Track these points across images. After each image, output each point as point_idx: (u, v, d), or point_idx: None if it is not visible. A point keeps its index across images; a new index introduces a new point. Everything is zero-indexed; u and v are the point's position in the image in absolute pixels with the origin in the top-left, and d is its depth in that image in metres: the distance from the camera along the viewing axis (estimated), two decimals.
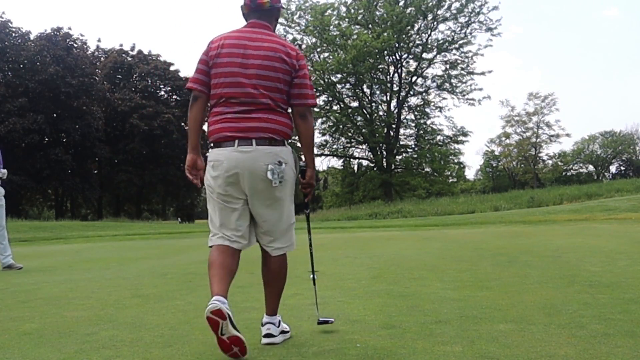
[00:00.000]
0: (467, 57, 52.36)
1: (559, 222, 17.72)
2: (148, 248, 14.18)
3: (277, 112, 3.48)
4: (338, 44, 51.38)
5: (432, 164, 53.25)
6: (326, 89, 52.20)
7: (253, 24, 3.59)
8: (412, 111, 55.40)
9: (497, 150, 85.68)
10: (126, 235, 22.24)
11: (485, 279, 5.98)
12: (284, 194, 3.56)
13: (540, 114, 75.09)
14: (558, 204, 31.51)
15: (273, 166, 3.41)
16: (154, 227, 31.57)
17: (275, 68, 3.46)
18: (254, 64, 3.46)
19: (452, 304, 4.59)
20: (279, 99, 3.49)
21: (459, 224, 20.00)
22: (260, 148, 3.41)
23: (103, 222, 39.01)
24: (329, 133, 54.94)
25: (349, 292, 5.53)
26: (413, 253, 9.44)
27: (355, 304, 4.81)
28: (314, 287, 4.14)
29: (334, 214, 44.66)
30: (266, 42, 3.51)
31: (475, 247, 10.12)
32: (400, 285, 5.84)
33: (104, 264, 9.83)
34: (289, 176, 3.54)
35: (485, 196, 45.31)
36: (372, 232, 17.99)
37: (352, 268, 7.56)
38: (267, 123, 3.44)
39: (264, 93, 3.44)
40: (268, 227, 3.58)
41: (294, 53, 3.53)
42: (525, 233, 13.61)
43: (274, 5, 3.62)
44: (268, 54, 3.47)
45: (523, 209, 30.88)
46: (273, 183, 3.42)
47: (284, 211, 3.61)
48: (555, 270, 6.46)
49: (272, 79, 3.46)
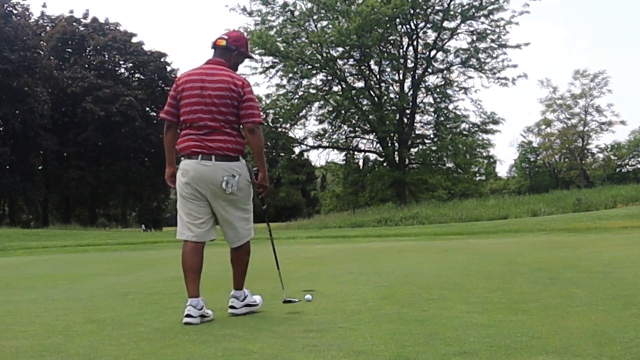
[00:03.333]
0: (498, 26, 52.24)
1: (611, 230, 17.72)
2: (105, 262, 14.15)
3: (231, 134, 5.60)
4: (339, 9, 51.24)
5: (455, 159, 53.08)
6: (324, 66, 52.03)
7: (210, 62, 5.80)
8: (431, 93, 55.30)
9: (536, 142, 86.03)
10: (78, 246, 22.20)
11: (521, 301, 5.98)
12: (239, 198, 5.68)
13: (588, 97, 75.37)
14: (611, 208, 31.56)
15: (227, 178, 5.51)
16: (112, 236, 31.49)
17: (226, 96, 5.56)
18: (210, 94, 5.57)
19: (479, 331, 4.59)
20: (231, 121, 5.60)
21: (488, 233, 19.98)
22: (218, 163, 5.53)
23: (49, 230, 38.97)
24: (328, 120, 54.77)
25: (352, 316, 5.52)
26: (432, 268, 9.44)
27: (360, 330, 4.80)
28: (278, 270, 6.27)
29: (334, 219, 44.61)
30: (218, 76, 5.63)
31: (509, 260, 10.11)
32: (416, 307, 5.84)
33: (51, 281, 9.81)
34: (242, 184, 5.64)
35: (521, 198, 45.38)
36: (381, 243, 17.98)
37: (357, 287, 7.56)
38: (224, 143, 5.55)
39: (218, 118, 5.56)
40: (227, 226, 5.76)
41: (239, 83, 5.62)
42: (571, 243, 13.61)
43: (229, 46, 5.81)
44: (220, 85, 5.57)
45: (567, 213, 30.91)
46: (226, 191, 5.54)
47: (240, 212, 5.76)
48: (607, 290, 6.45)
49: (225, 105, 5.56)
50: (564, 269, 8.43)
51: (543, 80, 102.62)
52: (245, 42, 5.98)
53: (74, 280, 9.83)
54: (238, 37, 5.94)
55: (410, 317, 5.34)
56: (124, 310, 6.35)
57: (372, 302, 6.27)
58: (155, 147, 60.94)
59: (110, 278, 10.09)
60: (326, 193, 69.09)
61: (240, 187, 5.59)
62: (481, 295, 6.42)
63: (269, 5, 52.45)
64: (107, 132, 56.30)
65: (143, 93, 59.90)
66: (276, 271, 6.39)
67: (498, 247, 13.51)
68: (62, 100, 56.85)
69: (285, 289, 6.40)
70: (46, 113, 51.58)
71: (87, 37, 59.64)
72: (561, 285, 6.88)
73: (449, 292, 6.74)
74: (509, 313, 5.32)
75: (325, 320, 5.31)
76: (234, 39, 5.88)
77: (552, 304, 5.74)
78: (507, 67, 53.00)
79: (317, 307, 5.98)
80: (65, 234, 33.39)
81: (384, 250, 14.13)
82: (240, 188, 5.60)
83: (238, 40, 5.89)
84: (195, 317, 5.40)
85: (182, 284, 5.75)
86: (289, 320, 5.37)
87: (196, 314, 5.42)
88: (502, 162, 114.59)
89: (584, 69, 76.31)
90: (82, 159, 56.38)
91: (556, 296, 6.16)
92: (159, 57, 63.78)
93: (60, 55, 59.36)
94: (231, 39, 5.86)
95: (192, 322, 5.34)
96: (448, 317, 5.25)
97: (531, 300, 5.98)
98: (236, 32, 6.08)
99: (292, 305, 6.12)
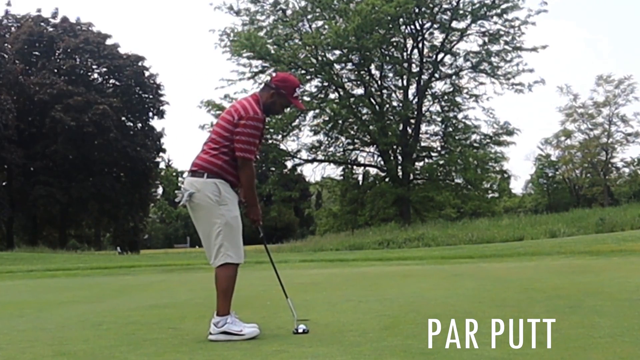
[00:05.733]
0: (512, 26, 52.45)
1: (638, 252, 17.75)
2: (76, 288, 14.12)
3: (209, 152, 6.35)
4: (336, 8, 51.43)
5: (465, 173, 53.05)
6: (320, 71, 52.08)
7: (251, 94, 6.65)
8: (438, 101, 55.50)
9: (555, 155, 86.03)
10: (46, 270, 22.16)
11: (538, 331, 5.99)
12: (200, 215, 6.38)
13: (613, 105, 75.47)
14: (638, 228, 31.57)
15: (179, 192, 6.38)
16: (84, 259, 31.44)
17: (224, 119, 6.42)
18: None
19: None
20: (217, 141, 6.34)
21: (501, 256, 20.00)
22: (187, 178, 6.41)
23: (14, 253, 38.89)
24: (324, 131, 54.67)
25: (351, 348, 5.54)
26: (439, 295, 9.45)
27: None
28: (286, 299, 6.61)
29: (330, 241, 44.63)
30: (236, 104, 6.52)
31: (524, 287, 10.13)
32: (422, 339, 5.84)
33: (16, 309, 9.79)
34: (201, 200, 6.28)
35: (538, 217, 45.36)
36: (382, 267, 17.98)
37: (356, 316, 7.57)
38: (198, 159, 6.40)
39: (210, 137, 6.48)
40: (203, 243, 6.44)
41: (239, 114, 6.30)
42: (593, 268, 13.62)
43: (270, 84, 6.54)
44: (227, 111, 6.54)
45: (590, 234, 30.92)
46: (180, 204, 6.42)
47: (204, 230, 6.36)
48: (633, 319, 6.47)
49: (219, 126, 6.42)
50: (585, 296, 8.45)
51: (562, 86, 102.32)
52: (292, 86, 6.54)
53: (42, 309, 9.81)
54: (284, 79, 6.61)
55: (415, 349, 5.35)
56: (97, 342, 6.35)
57: (372, 333, 6.28)
58: (132, 161, 60.91)
59: (82, 306, 10.07)
60: (322, 212, 68.94)
61: (196, 202, 6.30)
62: (494, 325, 6.43)
63: (258, 3, 52.66)
64: (78, 144, 56.29)
65: (118, 101, 59.85)
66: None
67: (513, 272, 13.52)
68: (28, 108, 56.87)
69: (279, 319, 6.67)
70: (11, 123, 51.58)
71: (56, 38, 59.66)
72: (583, 314, 6.90)
73: (458, 321, 6.75)
74: (525, 345, 5.34)
75: (320, 353, 5.32)
76: (278, 79, 6.59)
77: (573, 335, 5.76)
78: (522, 72, 53.18)
79: (312, 339, 5.99)
80: (33, 257, 33.32)
81: (385, 276, 14.13)
82: (198, 204, 6.31)
83: (283, 81, 6.55)
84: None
85: (161, 313, 5.75)
86: (280, 353, 5.37)
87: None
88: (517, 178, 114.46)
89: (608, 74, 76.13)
90: (51, 174, 56.31)
91: (577, 326, 6.18)
92: (136, 61, 63.72)
93: (27, 59, 59.38)
94: (276, 78, 6.60)
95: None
96: (457, 349, 5.26)
97: (549, 330, 6.00)
98: (287, 75, 6.85)
99: (283, 337, 6.13)
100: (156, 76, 65.47)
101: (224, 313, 6.23)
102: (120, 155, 59.32)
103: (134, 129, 65.66)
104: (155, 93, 64.87)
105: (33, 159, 55.73)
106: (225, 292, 6.27)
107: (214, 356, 5.40)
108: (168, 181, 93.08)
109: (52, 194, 55.20)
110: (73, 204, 59.20)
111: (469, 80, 55.11)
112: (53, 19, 61.92)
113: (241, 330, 6.17)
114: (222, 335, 6.14)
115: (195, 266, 20.68)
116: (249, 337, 6.14)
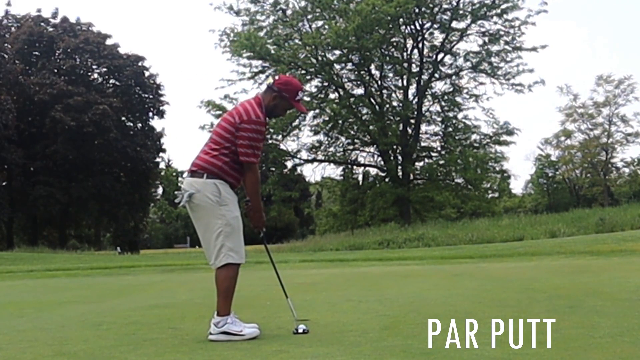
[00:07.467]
0: (512, 26, 52.58)
1: (638, 252, 17.74)
2: (76, 288, 14.12)
3: (209, 153, 6.30)
4: (336, 8, 51.44)
5: (465, 174, 53.12)
6: (320, 71, 52.16)
7: (254, 96, 6.58)
8: (438, 101, 55.52)
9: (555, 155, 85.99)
10: (46, 270, 22.14)
11: (538, 331, 5.98)
12: (199, 216, 6.33)
13: (613, 105, 75.45)
14: (638, 228, 31.56)
15: (179, 192, 6.31)
16: (84, 259, 31.42)
17: (225, 119, 6.41)
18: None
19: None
20: (218, 142, 6.31)
21: (501, 256, 20.01)
22: (187, 179, 6.37)
23: (14, 253, 38.87)
24: (324, 131, 54.80)
25: (351, 348, 5.53)
26: (439, 295, 9.44)
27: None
28: (287, 299, 6.55)
29: (330, 241, 44.66)
30: (238, 106, 6.49)
31: (525, 287, 10.13)
32: (422, 339, 5.84)
33: (16, 309, 9.79)
34: (201, 201, 6.23)
35: (538, 217, 45.37)
36: (382, 267, 17.98)
37: (356, 316, 7.56)
38: (198, 160, 6.36)
39: (211, 137, 6.43)
40: (202, 244, 6.39)
41: (241, 117, 6.24)
42: (593, 268, 13.62)
43: (272, 86, 6.46)
44: (230, 112, 6.46)
45: (590, 234, 30.91)
46: (180, 205, 6.35)
47: (203, 230, 6.32)
48: (633, 319, 6.47)
49: (220, 127, 6.39)
50: (585, 296, 8.45)
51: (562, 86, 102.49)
52: (294, 89, 6.50)
53: (42, 309, 9.80)
54: (287, 82, 6.57)
55: (416, 349, 5.34)
56: (97, 342, 6.35)
57: (372, 333, 6.28)
58: (132, 161, 60.88)
59: (82, 306, 10.06)
60: (321, 212, 69.00)
61: (196, 203, 6.26)
62: (494, 325, 6.42)
63: (258, 3, 52.69)
64: (78, 145, 56.22)
65: (118, 101, 59.80)
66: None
67: (513, 272, 13.52)
68: (28, 109, 56.83)
69: (279, 319, 6.66)
70: (11, 123, 51.54)
71: (56, 38, 59.61)
72: (583, 315, 6.90)
73: (458, 321, 6.74)
74: (525, 345, 5.33)
75: (321, 353, 5.31)
76: (281, 82, 6.52)
77: (573, 335, 5.75)
78: (522, 72, 53.35)
79: (312, 339, 5.98)
80: (33, 257, 33.30)
81: (385, 276, 14.13)
82: (198, 205, 6.27)
83: (286, 84, 6.50)
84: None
85: (161, 313, 5.74)
86: (280, 353, 5.36)
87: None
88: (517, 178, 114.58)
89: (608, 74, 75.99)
90: (51, 174, 56.27)
91: (577, 326, 6.18)
92: (136, 61, 63.76)
93: (27, 59, 59.34)
94: (278, 81, 6.52)
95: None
96: (457, 349, 5.26)
97: (549, 330, 5.99)
98: (290, 78, 6.86)
99: (283, 337, 6.14)
100: (156, 76, 65.59)
101: (225, 313, 6.19)
102: (120, 155, 59.29)
103: (134, 129, 65.62)
104: (155, 93, 64.88)
105: (33, 159, 55.68)
106: (226, 292, 6.24)
107: (214, 356, 5.39)
108: (168, 181, 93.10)
109: (52, 194, 55.16)
110: (73, 204, 59.17)
111: (469, 80, 55.34)
112: (53, 19, 61.89)
113: (241, 331, 6.15)
114: (222, 335, 6.11)
115: (195, 266, 20.67)
116: (249, 337, 6.11)
